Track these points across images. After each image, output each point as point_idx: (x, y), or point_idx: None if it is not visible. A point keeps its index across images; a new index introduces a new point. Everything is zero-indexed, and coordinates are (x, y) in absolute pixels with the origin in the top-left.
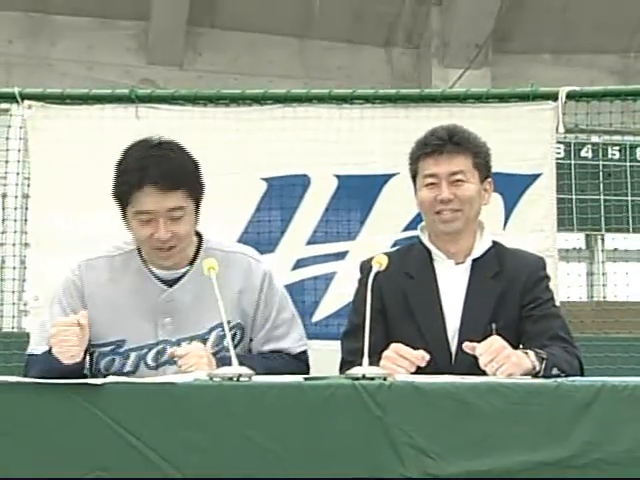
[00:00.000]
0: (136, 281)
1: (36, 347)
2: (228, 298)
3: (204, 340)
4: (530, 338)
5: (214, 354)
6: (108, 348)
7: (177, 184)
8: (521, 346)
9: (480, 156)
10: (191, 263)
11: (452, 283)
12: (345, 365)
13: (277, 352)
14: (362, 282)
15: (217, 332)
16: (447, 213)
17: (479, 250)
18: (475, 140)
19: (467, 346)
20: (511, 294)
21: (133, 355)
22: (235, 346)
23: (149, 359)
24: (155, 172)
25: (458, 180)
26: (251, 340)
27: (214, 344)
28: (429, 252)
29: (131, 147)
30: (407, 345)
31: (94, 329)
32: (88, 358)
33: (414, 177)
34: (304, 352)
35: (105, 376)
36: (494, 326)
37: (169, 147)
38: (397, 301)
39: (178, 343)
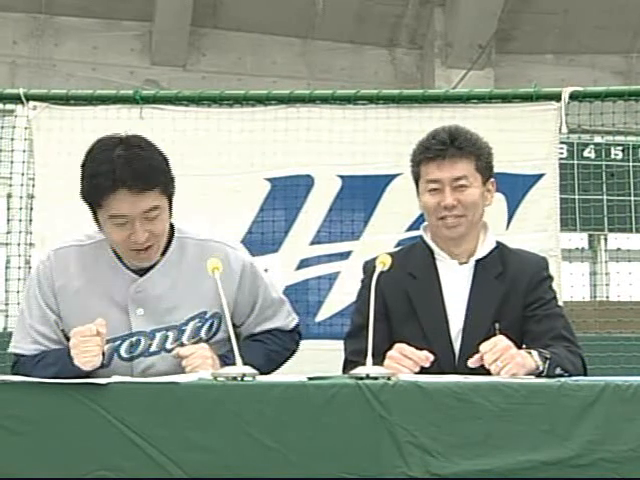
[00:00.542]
0: (107, 271)
1: (21, 346)
2: (206, 288)
3: (181, 331)
4: (533, 338)
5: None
6: None
7: (150, 184)
8: (524, 346)
9: (482, 158)
10: (163, 254)
11: (455, 283)
12: (348, 365)
13: (269, 332)
14: (365, 283)
15: (194, 323)
16: (451, 219)
17: (483, 251)
18: (477, 142)
19: (472, 362)
20: (514, 294)
21: (106, 347)
22: (213, 335)
23: (122, 351)
24: (126, 174)
25: (461, 185)
26: (237, 326)
27: (190, 336)
28: (432, 252)
29: (96, 146)
30: (411, 345)
31: (67, 320)
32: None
33: (416, 180)
34: (296, 325)
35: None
36: (498, 326)
37: (137, 144)
38: (400, 301)
39: (153, 334)
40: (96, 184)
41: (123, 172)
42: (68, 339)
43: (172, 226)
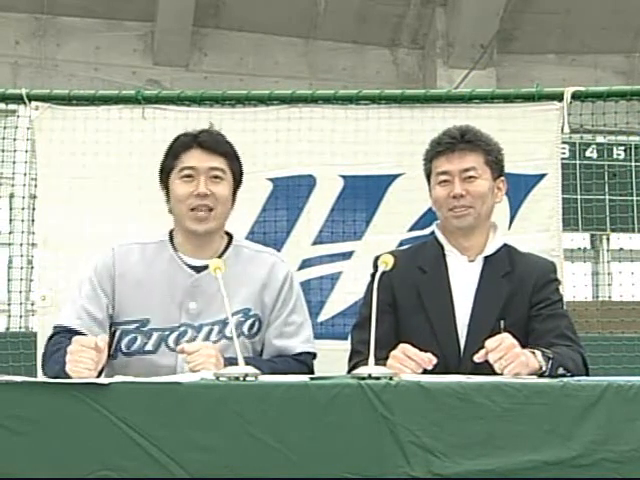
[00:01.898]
0: (166, 266)
1: (64, 318)
2: (251, 289)
3: (224, 325)
4: (537, 336)
5: (231, 338)
6: (132, 326)
7: (221, 151)
8: (528, 345)
9: (492, 154)
10: (220, 256)
11: (464, 279)
12: (354, 355)
13: (284, 353)
14: (374, 276)
15: (238, 317)
16: (459, 209)
17: (491, 248)
18: (487, 139)
19: (478, 357)
20: (520, 294)
21: (155, 335)
22: (254, 335)
23: (170, 341)
24: (203, 138)
25: (470, 176)
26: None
27: (236, 327)
28: (442, 248)
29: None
30: (417, 337)
31: (121, 306)
32: (108, 338)
33: (428, 176)
34: (308, 353)
35: (125, 354)
36: (503, 323)
37: (217, 132)
38: (409, 294)
39: (200, 327)
40: (177, 143)
41: (200, 136)
42: (111, 325)
43: (231, 236)
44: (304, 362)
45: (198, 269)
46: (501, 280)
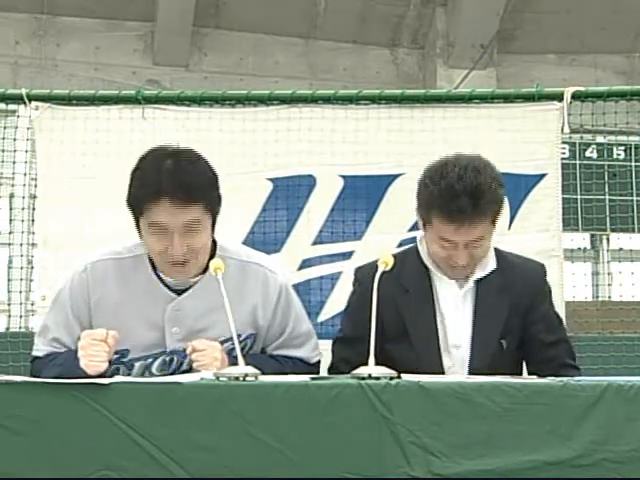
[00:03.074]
0: (144, 287)
1: (37, 348)
2: (243, 311)
3: None
4: (539, 364)
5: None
6: (113, 357)
7: (193, 198)
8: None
9: (500, 212)
10: (203, 272)
11: (455, 300)
12: (334, 373)
13: (290, 358)
14: (356, 289)
15: (228, 345)
16: (460, 270)
17: (482, 273)
18: (498, 196)
19: None
20: (517, 308)
21: (137, 365)
22: (247, 351)
23: (154, 369)
24: (171, 185)
25: (477, 245)
26: (263, 349)
27: (227, 353)
28: (426, 267)
29: (147, 155)
30: (399, 363)
31: None
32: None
33: (422, 218)
34: (318, 362)
35: None
36: (504, 343)
37: (187, 157)
38: (391, 315)
39: (186, 354)
40: (141, 192)
41: (168, 182)
42: None
43: (215, 244)
44: (316, 369)
45: (179, 291)
46: (497, 296)
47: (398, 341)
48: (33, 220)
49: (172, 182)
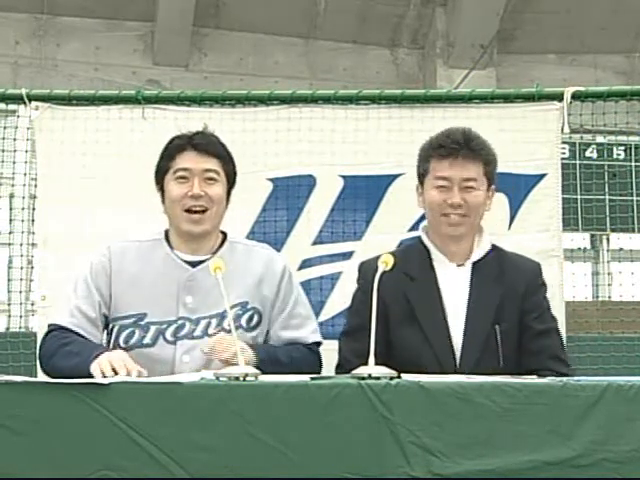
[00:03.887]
0: (162, 263)
1: (59, 318)
2: (249, 283)
3: (222, 318)
4: (530, 355)
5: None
6: (130, 320)
7: (215, 152)
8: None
9: (491, 165)
10: (214, 253)
11: (454, 286)
12: (345, 363)
13: (294, 343)
14: (361, 284)
15: (236, 310)
16: (455, 217)
17: (478, 253)
18: (488, 148)
19: None
20: (512, 298)
21: (153, 328)
22: (253, 328)
23: (168, 334)
24: (197, 140)
25: (470, 187)
26: (267, 332)
27: (234, 319)
28: (429, 253)
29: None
30: (410, 348)
31: (118, 303)
32: (106, 333)
33: (422, 175)
34: (319, 343)
35: (124, 348)
36: (498, 328)
37: (210, 133)
38: (398, 303)
39: (198, 321)
40: (171, 147)
41: (194, 138)
42: (108, 321)
43: (225, 234)
44: (316, 353)
45: (194, 264)
46: (492, 284)
47: (408, 325)
48: (33, 220)
49: (197, 138)
